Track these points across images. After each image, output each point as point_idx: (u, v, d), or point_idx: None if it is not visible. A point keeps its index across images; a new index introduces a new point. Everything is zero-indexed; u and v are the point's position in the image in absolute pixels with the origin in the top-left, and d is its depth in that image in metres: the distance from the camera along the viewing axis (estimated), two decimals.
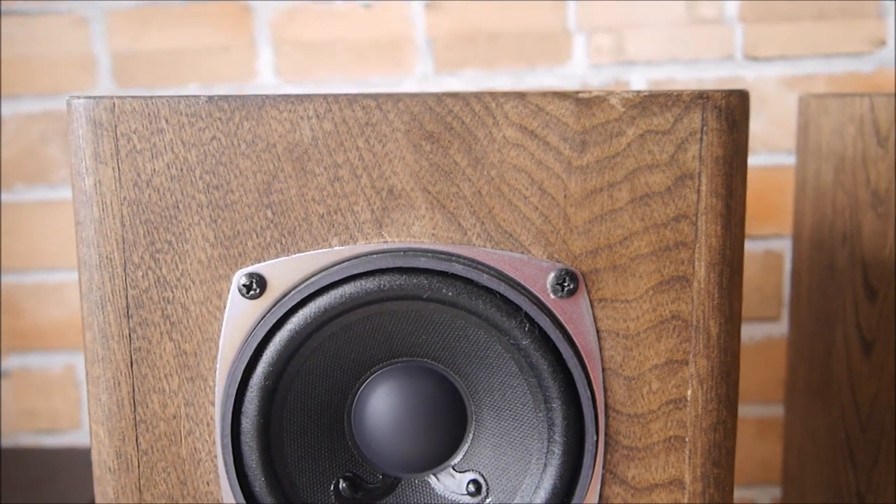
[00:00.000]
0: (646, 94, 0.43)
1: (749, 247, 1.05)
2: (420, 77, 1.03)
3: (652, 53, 1.02)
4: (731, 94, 0.43)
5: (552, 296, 0.44)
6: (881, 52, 1.02)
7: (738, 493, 1.08)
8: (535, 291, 0.44)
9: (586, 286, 0.44)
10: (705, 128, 0.43)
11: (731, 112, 0.43)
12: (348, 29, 1.02)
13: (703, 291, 0.44)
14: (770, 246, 1.05)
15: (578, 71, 1.02)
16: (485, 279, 0.43)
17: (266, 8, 1.02)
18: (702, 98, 0.43)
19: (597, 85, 1.02)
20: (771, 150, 1.03)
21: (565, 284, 0.44)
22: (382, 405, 0.46)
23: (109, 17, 1.03)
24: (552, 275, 0.44)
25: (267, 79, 1.03)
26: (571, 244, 0.44)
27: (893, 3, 1.01)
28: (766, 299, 1.06)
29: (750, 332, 1.07)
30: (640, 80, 1.03)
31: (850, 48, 1.02)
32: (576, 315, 0.44)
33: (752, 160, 1.04)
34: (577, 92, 0.43)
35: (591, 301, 0.44)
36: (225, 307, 0.44)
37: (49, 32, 1.03)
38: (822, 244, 0.76)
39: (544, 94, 0.43)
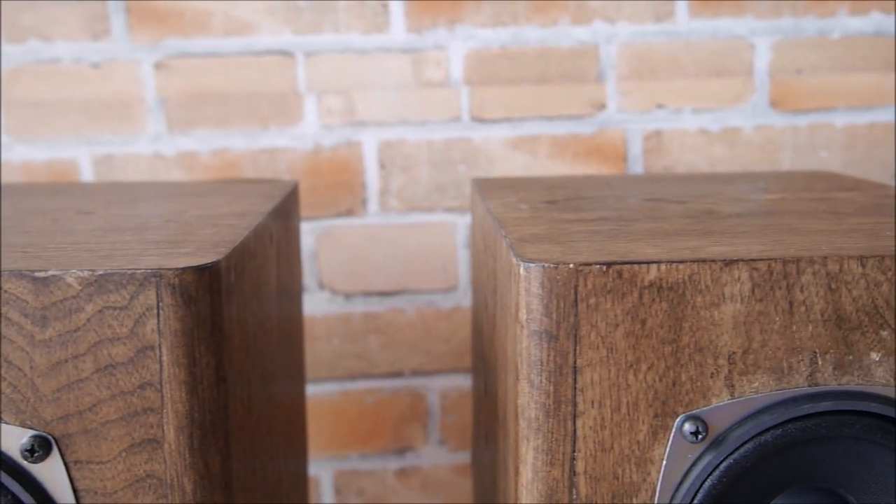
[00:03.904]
0: (101, 272, 0.45)
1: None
2: (153, 136, 1.03)
3: (382, 115, 1.05)
4: (185, 271, 0.45)
5: (25, 461, 0.46)
6: (602, 115, 1.06)
7: None
8: (11, 455, 0.46)
9: (60, 450, 0.47)
10: (161, 303, 0.45)
11: (185, 288, 0.45)
12: (78, 88, 1.02)
13: (175, 452, 0.47)
14: None
15: (311, 131, 1.04)
16: None
17: None
18: (155, 276, 0.45)
19: (329, 145, 1.05)
20: None
21: (36, 450, 0.46)
22: None
23: None
24: (24, 441, 0.46)
25: None
26: (42, 411, 0.46)
27: (614, 70, 1.05)
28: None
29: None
30: (371, 141, 1.05)
31: (571, 111, 1.06)
32: (51, 477, 0.47)
33: None
34: (34, 271, 0.45)
35: (66, 463, 0.47)
36: None
37: None
38: (477, 333, 0.80)
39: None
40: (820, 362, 0.49)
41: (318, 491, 1.11)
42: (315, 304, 1.07)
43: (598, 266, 0.47)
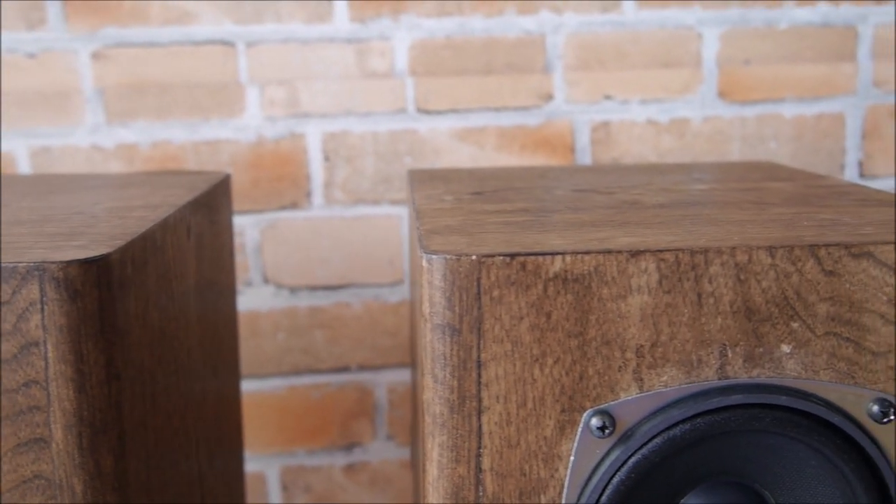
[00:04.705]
0: None
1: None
2: (91, 128, 1.01)
3: (326, 106, 1.03)
4: (69, 265, 0.44)
5: None
6: (549, 106, 1.05)
7: None
8: None
9: None
10: (45, 298, 0.44)
11: (70, 283, 0.44)
12: (13, 79, 1.00)
13: (63, 452, 0.45)
14: None
15: (253, 123, 1.03)
16: None
17: None
18: (38, 270, 0.44)
19: (272, 137, 1.03)
20: None
21: None
22: None
23: None
24: None
25: None
26: None
27: (561, 61, 1.03)
28: None
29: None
30: (315, 133, 1.03)
31: (518, 102, 1.04)
32: None
33: None
34: None
35: None
36: None
37: None
38: (411, 329, 0.79)
39: None
40: (730, 355, 0.48)
41: (264, 487, 1.10)
42: (259, 299, 1.06)
43: (501, 257, 0.46)
